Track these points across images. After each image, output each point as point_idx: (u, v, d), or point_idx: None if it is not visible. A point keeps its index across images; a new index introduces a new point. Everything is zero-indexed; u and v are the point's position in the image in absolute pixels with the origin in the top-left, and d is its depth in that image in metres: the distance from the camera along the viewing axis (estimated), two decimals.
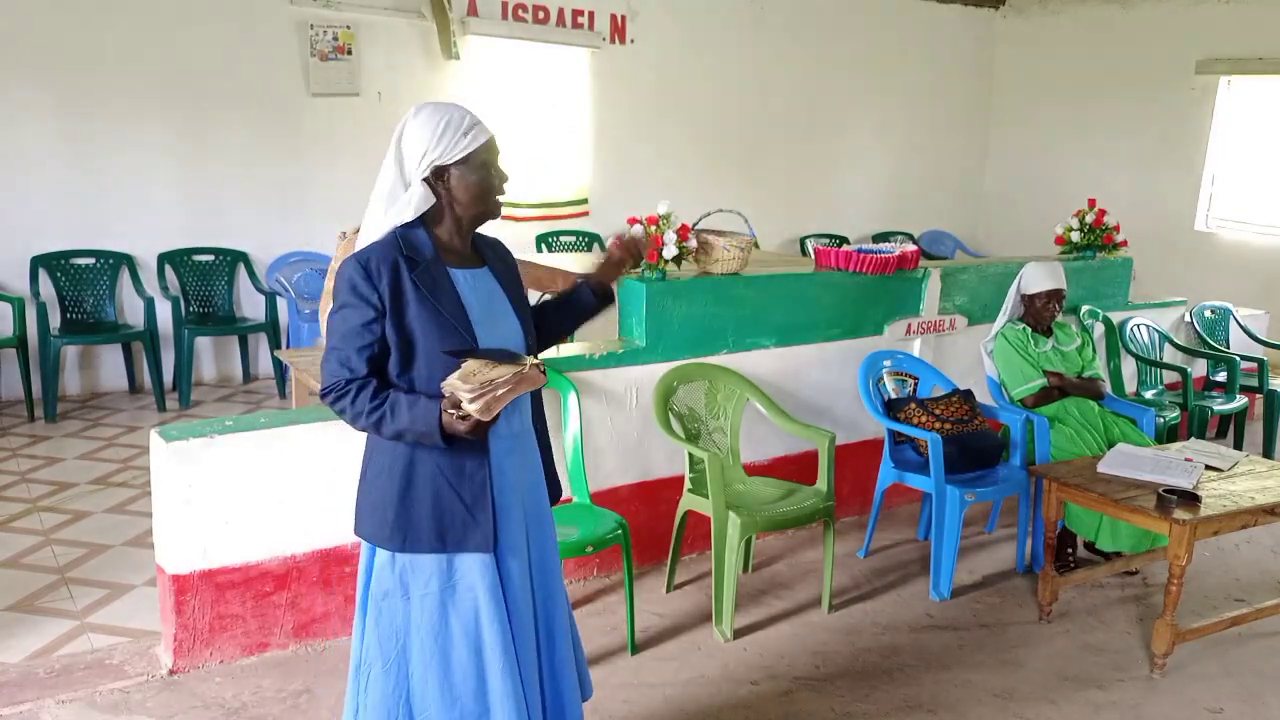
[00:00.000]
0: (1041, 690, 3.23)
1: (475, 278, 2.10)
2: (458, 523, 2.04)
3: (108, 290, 6.00)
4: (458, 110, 2.04)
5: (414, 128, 2.02)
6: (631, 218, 3.78)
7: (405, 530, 2.04)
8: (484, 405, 1.84)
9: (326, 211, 6.41)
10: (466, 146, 2.01)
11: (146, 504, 3.92)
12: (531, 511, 2.20)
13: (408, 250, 2.01)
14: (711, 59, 7.95)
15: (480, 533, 2.05)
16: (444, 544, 2.04)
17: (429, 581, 2.06)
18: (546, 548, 2.26)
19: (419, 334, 1.99)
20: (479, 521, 2.05)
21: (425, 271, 2.01)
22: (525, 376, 1.88)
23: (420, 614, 2.07)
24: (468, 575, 2.07)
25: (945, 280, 4.65)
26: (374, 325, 1.98)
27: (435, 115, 2.02)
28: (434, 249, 2.05)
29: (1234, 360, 5.61)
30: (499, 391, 1.84)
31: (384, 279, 1.97)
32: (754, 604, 3.72)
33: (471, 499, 2.04)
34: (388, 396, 1.97)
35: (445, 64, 6.78)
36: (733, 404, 3.92)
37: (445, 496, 2.04)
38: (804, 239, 8.58)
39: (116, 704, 2.94)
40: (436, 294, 2.00)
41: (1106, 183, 8.42)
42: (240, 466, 3.04)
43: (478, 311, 2.05)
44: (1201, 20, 8.03)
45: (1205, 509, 3.23)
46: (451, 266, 2.07)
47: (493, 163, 2.07)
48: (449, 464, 2.03)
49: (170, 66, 5.97)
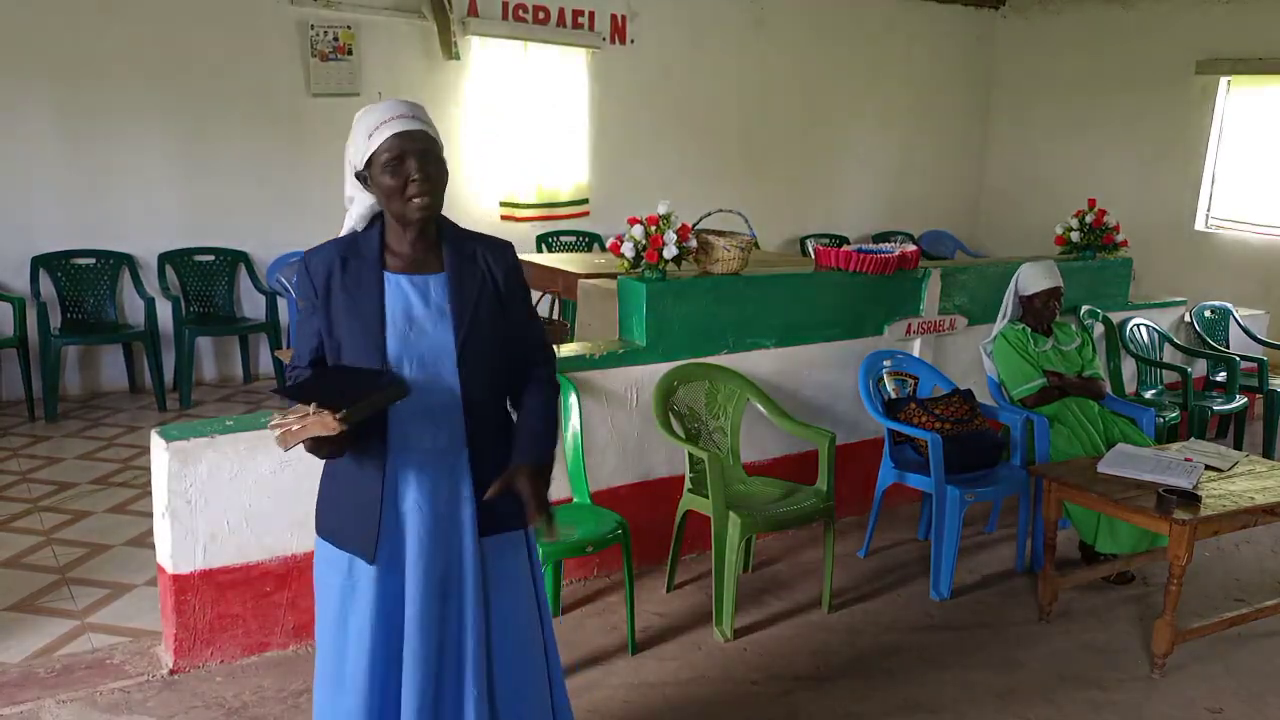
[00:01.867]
0: (1041, 690, 3.23)
1: (419, 284, 2.03)
2: (348, 525, 2.07)
3: (108, 290, 6.00)
4: (377, 111, 2.00)
5: (350, 141, 2.05)
6: (631, 217, 3.79)
7: (323, 518, 2.13)
8: (279, 436, 1.85)
9: (327, 211, 6.35)
10: (369, 148, 1.98)
11: (147, 504, 3.92)
12: (443, 534, 2.06)
13: (347, 251, 2.04)
14: (711, 59, 7.95)
15: (361, 541, 2.04)
16: (338, 540, 2.08)
17: (334, 572, 2.09)
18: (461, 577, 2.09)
19: (340, 332, 2.03)
20: (363, 530, 2.04)
21: (354, 274, 2.02)
22: (314, 421, 1.83)
23: (326, 601, 2.12)
24: (363, 579, 2.06)
25: (945, 280, 4.65)
26: (313, 319, 2.05)
27: (358, 121, 2.02)
28: (378, 251, 2.04)
29: (1234, 360, 5.61)
30: (294, 427, 1.85)
31: (319, 277, 2.03)
32: (754, 604, 3.72)
33: (359, 506, 2.04)
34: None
35: (445, 64, 6.78)
36: (733, 404, 3.93)
37: (345, 497, 2.07)
38: (804, 239, 8.58)
39: (117, 704, 2.94)
40: (357, 296, 2.01)
41: (1106, 183, 8.42)
42: (241, 466, 3.04)
43: (401, 319, 2.01)
44: (1201, 20, 8.02)
45: (1205, 509, 3.23)
46: (392, 271, 2.03)
47: (394, 162, 1.95)
48: (353, 467, 2.04)
49: (170, 67, 5.97)
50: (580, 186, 7.51)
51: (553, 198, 7.38)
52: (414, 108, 2.03)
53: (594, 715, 2.99)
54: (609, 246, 3.90)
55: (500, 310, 2.09)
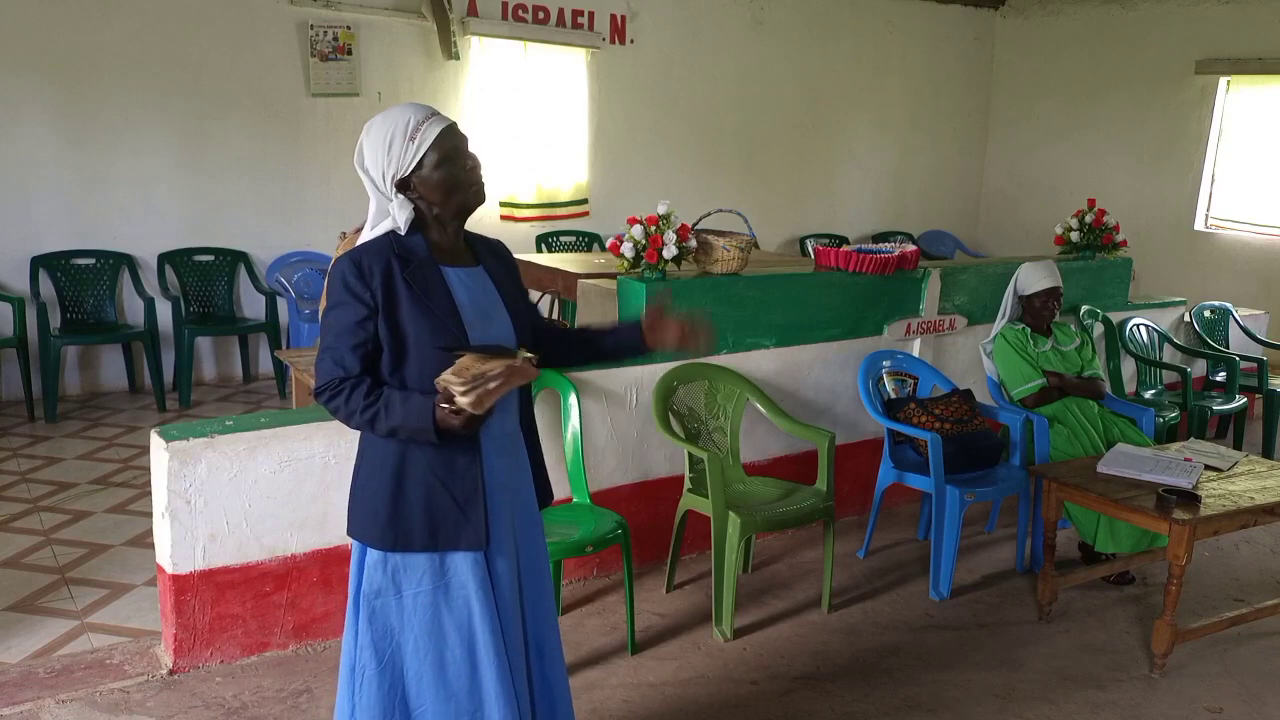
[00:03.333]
0: (1041, 690, 3.23)
1: (469, 276, 2.09)
2: (450, 521, 2.04)
3: (108, 290, 6.00)
4: (403, 115, 2.01)
5: (368, 148, 2.02)
6: (631, 217, 3.79)
7: (397, 529, 2.04)
8: (476, 398, 1.84)
9: (326, 211, 6.42)
10: (417, 151, 1.99)
11: (147, 504, 3.93)
12: (520, 515, 2.19)
13: (400, 251, 2.02)
14: (711, 59, 7.95)
15: (472, 530, 2.05)
16: (436, 542, 2.04)
17: (421, 580, 2.06)
18: (536, 553, 2.25)
19: (411, 332, 1.99)
20: (471, 519, 2.04)
21: (417, 270, 2.01)
22: (517, 370, 1.87)
23: (413, 612, 2.07)
24: (460, 573, 2.07)
25: (945, 280, 4.65)
26: (367, 323, 1.98)
27: (382, 130, 2.01)
28: (427, 250, 2.05)
29: (1233, 360, 5.61)
30: (490, 385, 1.84)
31: (376, 277, 1.98)
32: (754, 604, 3.72)
33: (464, 497, 2.04)
34: (381, 394, 1.97)
35: (445, 64, 6.78)
36: (732, 404, 3.93)
37: (437, 494, 2.04)
38: (804, 239, 8.58)
39: (116, 704, 2.94)
40: (428, 292, 2.00)
41: (1106, 182, 8.43)
42: (240, 466, 3.04)
43: (470, 309, 2.05)
44: (1201, 20, 8.03)
45: (1205, 509, 3.23)
46: (445, 265, 2.07)
47: (453, 154, 2.02)
48: (441, 462, 2.03)
49: (170, 66, 5.97)
50: (580, 186, 7.51)
51: (552, 198, 7.39)
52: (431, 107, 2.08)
53: (594, 715, 2.99)
54: (609, 246, 3.90)
55: (525, 298, 2.24)
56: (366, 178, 2.05)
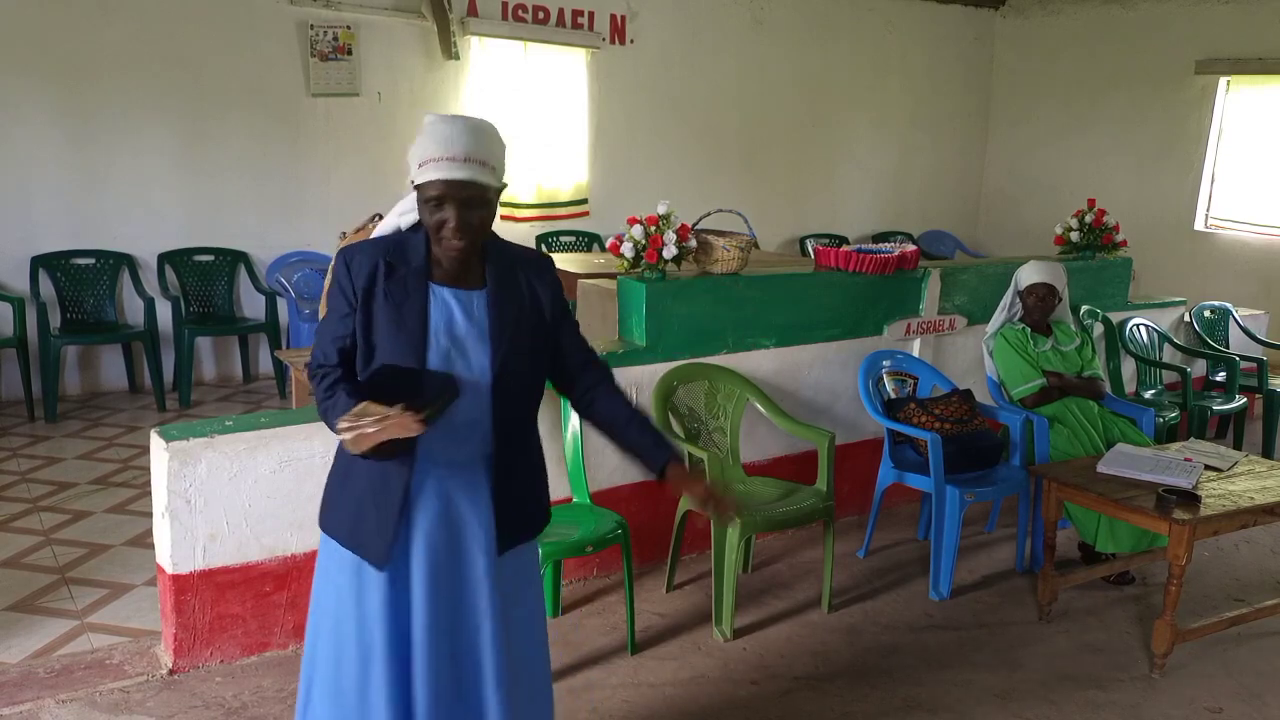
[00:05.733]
0: (1041, 690, 3.23)
1: (463, 299, 2.01)
2: (365, 531, 2.05)
3: (108, 290, 6.00)
4: (438, 135, 1.91)
5: (418, 136, 1.97)
6: (631, 217, 3.79)
7: (334, 517, 2.10)
8: (352, 439, 1.84)
9: (326, 211, 6.41)
10: (415, 177, 1.94)
11: (146, 504, 3.93)
12: (459, 547, 2.07)
13: (392, 256, 1.99)
14: (711, 59, 7.95)
15: (377, 548, 2.03)
16: (352, 544, 2.06)
17: (343, 572, 2.08)
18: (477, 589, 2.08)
19: (378, 340, 1.99)
20: (379, 535, 2.02)
21: (400, 281, 1.97)
22: (394, 422, 1.82)
23: (335, 602, 2.10)
24: (371, 586, 2.05)
25: (945, 280, 4.65)
26: (347, 320, 2.00)
27: (419, 135, 1.95)
28: (424, 259, 2.00)
29: (1233, 360, 5.61)
30: (367, 430, 1.82)
31: (361, 278, 1.98)
32: (754, 604, 3.72)
33: (380, 513, 2.02)
34: (335, 392, 1.98)
35: (445, 64, 6.78)
36: (732, 404, 3.93)
37: (366, 502, 2.04)
38: (804, 239, 8.58)
39: (116, 704, 2.94)
40: (402, 307, 1.97)
41: (1106, 182, 8.42)
42: (240, 466, 3.04)
43: (444, 335, 1.98)
44: (1201, 20, 8.03)
45: (1205, 509, 3.23)
46: (437, 282, 2.00)
47: (436, 203, 1.92)
48: (377, 473, 2.02)
49: (170, 66, 5.97)
50: (580, 186, 7.51)
51: (552, 198, 7.39)
52: (470, 143, 1.92)
53: (594, 715, 2.99)
54: (608, 246, 3.90)
55: (539, 330, 2.10)
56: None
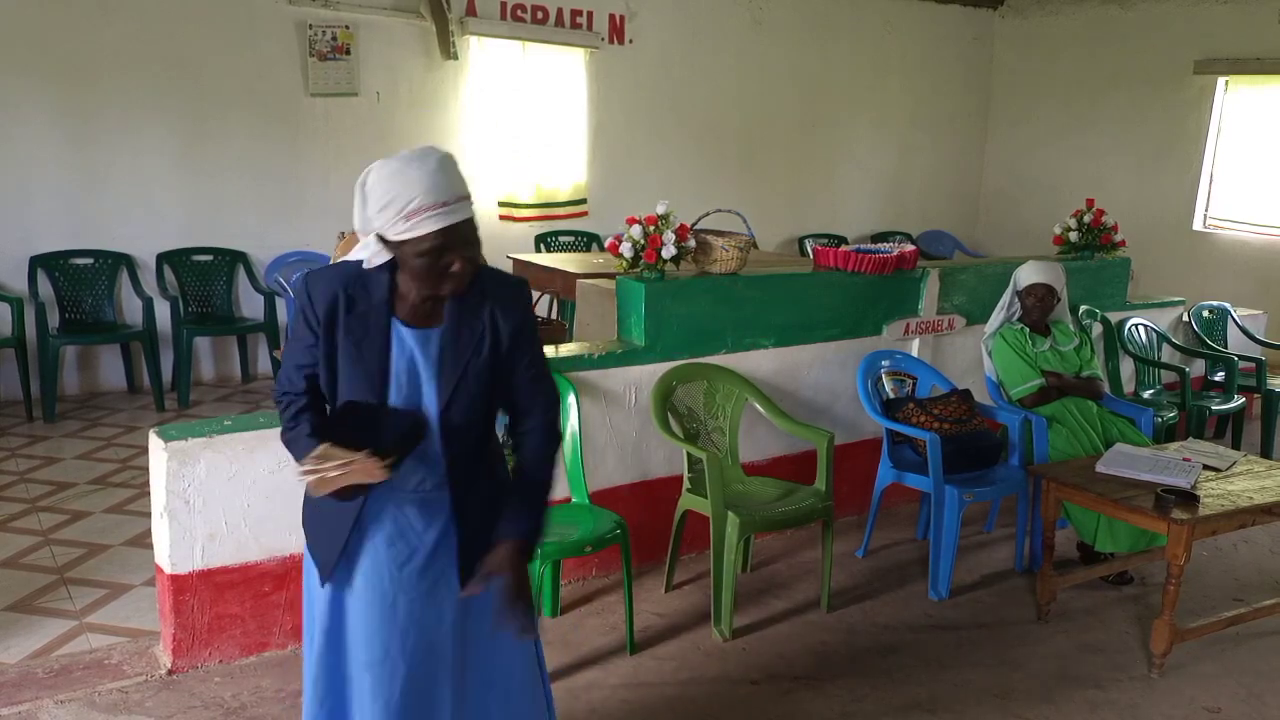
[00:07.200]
0: (1040, 690, 3.23)
1: (422, 338, 1.95)
2: (318, 539, 2.09)
3: (106, 290, 5.99)
4: (410, 189, 1.79)
5: (369, 187, 1.85)
6: (630, 217, 3.79)
7: (305, 512, 2.14)
8: (313, 483, 1.85)
9: (325, 211, 6.41)
10: (403, 233, 1.82)
11: (145, 504, 3.92)
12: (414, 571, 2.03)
13: (353, 289, 1.92)
14: (710, 59, 7.95)
15: (321, 560, 2.06)
16: (309, 545, 2.11)
17: (313, 579, 2.12)
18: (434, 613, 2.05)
19: (339, 373, 1.97)
20: (327, 550, 2.05)
21: (360, 318, 1.92)
22: (358, 468, 1.83)
23: (308, 602, 2.17)
24: (320, 595, 2.10)
25: (944, 280, 4.66)
26: (312, 349, 1.97)
27: (382, 186, 1.82)
28: (387, 295, 1.93)
29: (1232, 360, 5.62)
30: (331, 474, 1.83)
31: (322, 307, 1.93)
32: (753, 604, 3.72)
33: (330, 527, 2.04)
34: (298, 424, 2.01)
35: (444, 64, 6.78)
36: (731, 404, 3.93)
37: (323, 516, 2.06)
38: (803, 239, 8.58)
39: (115, 704, 2.94)
40: (362, 344, 1.92)
41: (1105, 182, 8.43)
42: (239, 466, 3.04)
43: (404, 373, 1.95)
44: (1200, 20, 8.03)
45: (1203, 509, 3.23)
46: (400, 319, 1.94)
47: (439, 251, 1.83)
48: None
49: (170, 66, 5.96)
50: (579, 186, 7.51)
51: (551, 198, 7.38)
52: (454, 182, 1.84)
53: (593, 715, 2.99)
54: (607, 246, 3.90)
55: (491, 365, 1.99)
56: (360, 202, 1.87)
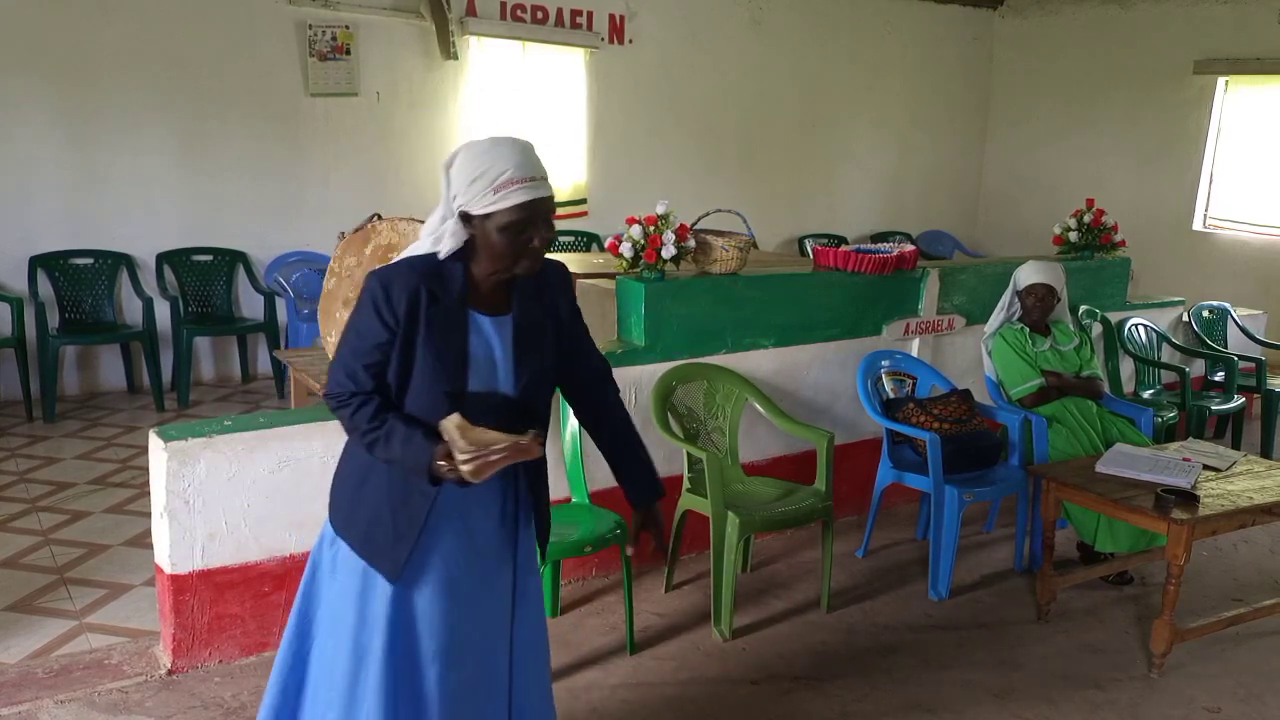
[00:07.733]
0: (1040, 690, 3.23)
1: (497, 325, 2.02)
2: (378, 541, 2.03)
3: (106, 290, 5.99)
4: (501, 161, 1.90)
5: (459, 164, 1.94)
6: (630, 217, 3.79)
7: (347, 517, 2.09)
8: (475, 468, 1.84)
9: (325, 211, 6.41)
10: (490, 205, 1.90)
11: (145, 504, 3.92)
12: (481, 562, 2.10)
13: (433, 284, 1.95)
14: (710, 59, 7.95)
15: (390, 562, 2.02)
16: (365, 552, 2.04)
17: (350, 578, 2.06)
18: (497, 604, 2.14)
19: (417, 369, 1.96)
20: (395, 551, 2.01)
21: (442, 311, 1.95)
22: (521, 448, 1.85)
23: (333, 601, 2.10)
24: (379, 598, 2.04)
25: (944, 280, 4.66)
26: (386, 346, 1.95)
27: (474, 161, 1.91)
28: (464, 288, 1.98)
29: (1232, 360, 5.62)
30: (492, 458, 1.83)
31: (401, 305, 1.93)
32: (753, 604, 3.72)
33: (400, 528, 2.01)
34: (385, 421, 1.95)
35: (444, 64, 6.78)
36: (731, 404, 3.93)
37: (382, 513, 2.03)
38: (802, 239, 8.58)
39: (115, 704, 2.94)
40: (445, 337, 1.95)
41: (1104, 182, 8.43)
42: (239, 466, 3.04)
43: (483, 361, 1.99)
44: (1200, 20, 8.03)
45: (1203, 509, 3.23)
46: (475, 310, 2.00)
47: (522, 227, 1.92)
48: (399, 487, 2.01)
49: (170, 66, 5.97)
50: (578, 186, 7.51)
51: None
52: (539, 162, 1.95)
53: (593, 715, 2.99)
54: (607, 246, 3.90)
55: (557, 347, 2.12)
56: (445, 184, 1.96)
